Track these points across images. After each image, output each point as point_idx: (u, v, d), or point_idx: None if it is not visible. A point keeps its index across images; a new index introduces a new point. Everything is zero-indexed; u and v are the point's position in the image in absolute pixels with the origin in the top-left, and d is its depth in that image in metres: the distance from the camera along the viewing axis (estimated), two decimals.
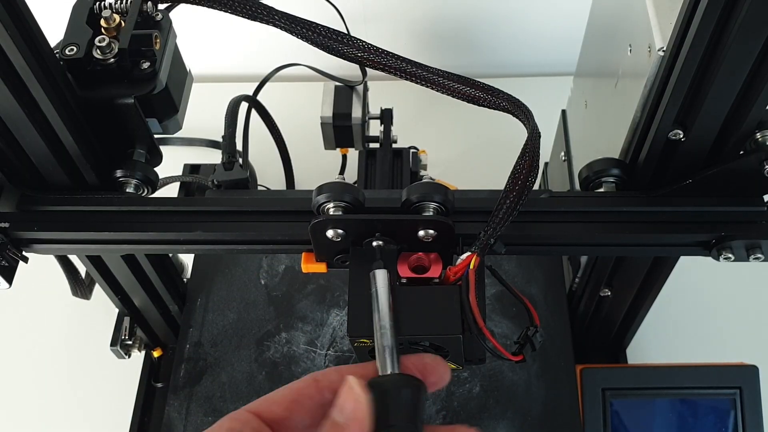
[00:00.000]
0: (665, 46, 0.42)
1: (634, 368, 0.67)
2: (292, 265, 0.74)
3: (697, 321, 0.80)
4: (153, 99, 0.49)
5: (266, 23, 0.45)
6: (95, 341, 0.78)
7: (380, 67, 0.45)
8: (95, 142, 0.49)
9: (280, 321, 0.71)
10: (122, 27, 0.48)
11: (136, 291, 0.65)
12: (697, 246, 0.47)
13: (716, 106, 0.42)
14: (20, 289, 0.51)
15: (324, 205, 0.43)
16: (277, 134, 0.84)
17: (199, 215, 0.48)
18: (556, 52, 0.98)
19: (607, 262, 0.60)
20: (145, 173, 0.51)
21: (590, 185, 0.51)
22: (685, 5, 0.39)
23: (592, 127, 0.64)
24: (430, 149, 0.81)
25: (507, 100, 0.43)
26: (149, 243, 0.49)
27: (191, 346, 0.70)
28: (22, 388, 0.79)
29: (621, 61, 0.51)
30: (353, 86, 0.76)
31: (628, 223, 0.47)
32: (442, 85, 0.44)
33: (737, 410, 0.62)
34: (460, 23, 0.99)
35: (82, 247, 0.50)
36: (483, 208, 0.45)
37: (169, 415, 0.67)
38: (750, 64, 0.39)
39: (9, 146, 0.46)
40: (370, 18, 0.97)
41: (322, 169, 0.82)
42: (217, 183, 0.72)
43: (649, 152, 0.47)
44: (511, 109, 0.43)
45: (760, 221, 0.46)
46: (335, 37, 0.44)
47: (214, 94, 0.78)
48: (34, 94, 0.43)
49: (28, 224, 0.48)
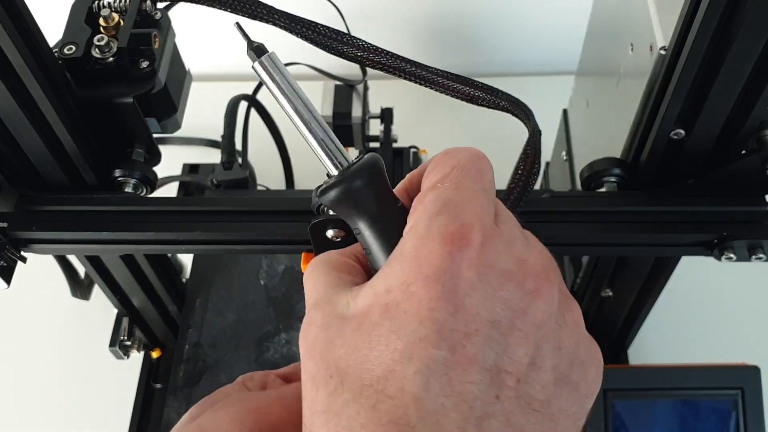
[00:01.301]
0: (667, 45, 0.42)
1: (636, 369, 0.67)
2: (292, 266, 0.74)
3: (698, 321, 0.80)
4: (152, 98, 0.49)
5: (265, 22, 0.45)
6: (94, 342, 0.78)
7: (380, 66, 0.45)
8: (94, 142, 0.49)
9: (279, 321, 0.71)
10: (121, 26, 0.47)
11: (135, 291, 0.65)
12: (698, 246, 0.47)
13: (718, 105, 0.42)
14: (19, 290, 0.51)
15: (324, 205, 0.43)
16: (276, 134, 0.84)
17: (199, 215, 0.48)
18: (557, 51, 0.98)
19: (609, 262, 0.60)
20: (144, 173, 0.51)
21: (591, 185, 0.51)
22: (686, 4, 0.39)
23: (593, 127, 0.64)
24: (430, 149, 0.81)
25: (507, 100, 0.43)
26: (148, 243, 0.49)
27: (190, 346, 0.70)
28: (21, 389, 0.79)
29: (622, 60, 0.51)
30: (353, 85, 0.76)
31: (630, 223, 0.47)
32: (442, 84, 0.44)
33: (739, 411, 0.62)
34: (461, 21, 0.99)
35: (80, 247, 0.50)
36: None
37: (168, 415, 0.67)
38: (752, 63, 0.39)
39: (7, 146, 0.46)
40: (369, 16, 0.97)
41: (322, 169, 0.81)
42: (216, 183, 0.72)
43: (650, 152, 0.46)
44: (511, 108, 0.43)
45: (762, 221, 0.46)
46: (335, 36, 0.44)
47: (213, 93, 0.78)
48: (33, 93, 0.43)
49: (26, 224, 0.48)
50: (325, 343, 0.28)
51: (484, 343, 0.26)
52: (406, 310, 0.26)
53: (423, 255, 0.27)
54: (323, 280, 0.31)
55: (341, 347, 0.27)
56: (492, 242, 0.27)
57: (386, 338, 0.26)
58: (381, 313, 0.27)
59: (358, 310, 0.28)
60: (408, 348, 0.26)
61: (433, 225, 0.27)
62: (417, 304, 0.26)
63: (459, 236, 0.27)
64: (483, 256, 0.27)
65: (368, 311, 0.27)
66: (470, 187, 0.29)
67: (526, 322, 0.27)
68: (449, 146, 0.32)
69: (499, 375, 0.26)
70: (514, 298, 0.27)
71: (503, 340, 0.26)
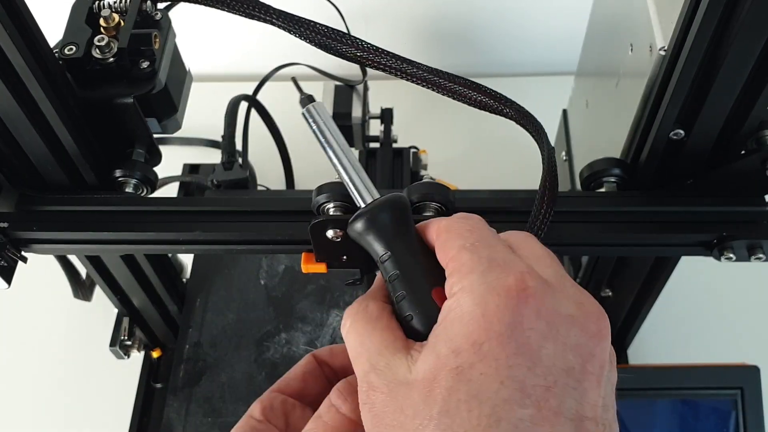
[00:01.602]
0: (666, 45, 0.42)
1: (636, 369, 0.67)
2: (292, 266, 0.74)
3: (698, 321, 0.80)
4: (152, 98, 0.49)
5: (264, 22, 0.45)
6: (94, 341, 0.78)
7: (380, 67, 0.45)
8: (94, 142, 0.49)
9: (279, 321, 0.71)
10: (121, 26, 0.47)
11: (136, 291, 0.65)
12: (698, 246, 0.47)
13: (717, 105, 0.42)
14: (20, 290, 0.51)
15: (324, 205, 0.43)
16: (276, 134, 0.84)
17: (199, 215, 0.48)
18: (557, 52, 0.98)
19: (608, 262, 0.60)
20: (145, 173, 0.51)
21: (591, 185, 0.51)
22: (686, 4, 0.39)
23: (593, 127, 0.64)
24: (430, 149, 0.81)
25: (513, 108, 0.43)
26: (148, 243, 0.49)
27: (190, 346, 0.70)
28: (21, 389, 0.79)
29: (622, 61, 0.51)
30: (353, 85, 0.76)
31: (629, 223, 0.47)
32: (443, 86, 0.44)
33: (738, 411, 0.62)
34: (461, 22, 0.99)
35: (81, 247, 0.50)
36: (483, 207, 0.45)
37: (169, 415, 0.67)
38: (751, 63, 0.39)
39: (8, 146, 0.46)
40: (370, 16, 0.97)
41: (322, 169, 0.81)
42: (216, 183, 0.72)
43: (650, 152, 0.46)
44: (517, 118, 0.43)
45: (761, 221, 0.46)
46: (335, 36, 0.44)
47: (213, 93, 0.78)
48: (33, 93, 0.43)
49: (27, 224, 0.48)
50: (396, 413, 0.27)
51: (564, 394, 0.25)
52: (483, 372, 0.25)
53: (491, 312, 0.26)
54: (371, 339, 0.30)
55: (414, 418, 0.26)
56: (548, 288, 0.27)
57: (467, 404, 0.25)
58: (453, 377, 0.26)
59: (421, 376, 0.27)
60: (494, 411, 0.25)
61: (488, 281, 0.27)
62: (494, 363, 0.25)
63: (520, 288, 0.27)
64: (546, 304, 0.27)
65: (435, 376, 0.26)
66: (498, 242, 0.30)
67: (595, 365, 0.27)
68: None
69: (581, 423, 0.26)
70: (582, 342, 0.27)
71: (579, 386, 0.26)
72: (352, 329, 0.31)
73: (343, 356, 0.39)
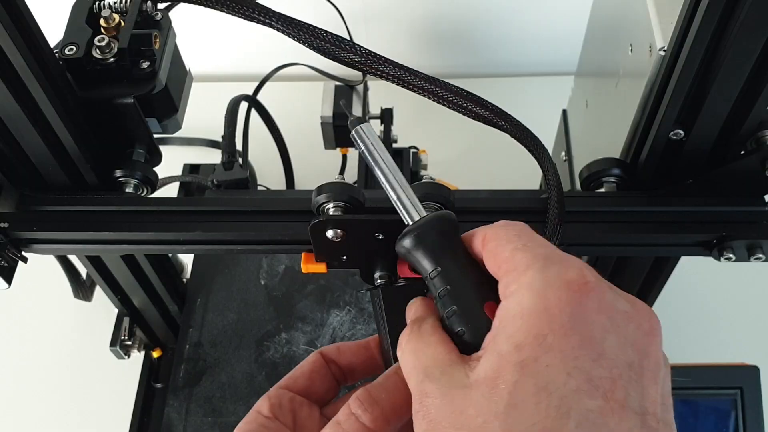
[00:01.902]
0: (666, 45, 0.42)
1: None
2: (292, 266, 0.74)
3: (697, 321, 0.80)
4: (152, 99, 0.49)
5: (264, 25, 0.45)
6: (95, 341, 0.78)
7: (378, 73, 0.45)
8: (95, 142, 0.49)
9: (280, 321, 0.71)
10: (122, 26, 0.47)
11: (136, 291, 0.65)
12: (698, 246, 0.47)
13: (717, 105, 0.42)
14: (20, 290, 0.51)
15: (324, 205, 0.43)
16: (276, 134, 0.84)
17: (199, 215, 0.48)
18: (556, 52, 0.98)
19: (608, 263, 0.60)
20: (145, 173, 0.51)
21: (591, 185, 0.51)
22: (686, 5, 0.39)
23: (592, 127, 0.64)
24: (430, 149, 0.81)
25: (510, 123, 0.43)
26: (149, 243, 0.49)
27: (191, 346, 0.70)
28: (21, 389, 0.79)
29: (622, 61, 0.51)
30: (353, 86, 0.76)
31: (629, 223, 0.47)
32: (440, 96, 0.44)
33: (738, 411, 0.62)
34: (461, 23, 0.99)
35: (81, 247, 0.50)
36: (483, 207, 0.45)
37: (169, 415, 0.67)
38: (751, 63, 0.39)
39: (8, 146, 0.46)
40: (370, 17, 0.97)
41: (322, 169, 0.82)
42: (216, 183, 0.72)
43: (650, 152, 0.46)
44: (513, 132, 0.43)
45: (761, 221, 0.46)
46: (334, 41, 0.44)
47: (213, 93, 0.78)
48: (34, 93, 0.43)
49: (27, 224, 0.48)
50: (454, 415, 0.27)
51: (628, 386, 0.25)
52: (549, 364, 0.25)
53: (552, 305, 0.26)
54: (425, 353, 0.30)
55: (477, 416, 0.26)
56: (604, 284, 0.27)
57: (535, 396, 0.25)
58: (518, 371, 0.25)
59: (482, 376, 0.27)
60: (564, 402, 0.24)
61: (547, 276, 0.27)
62: (560, 355, 0.25)
63: (581, 282, 0.27)
64: (606, 299, 0.27)
65: (498, 374, 0.26)
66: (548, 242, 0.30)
67: (651, 362, 0.27)
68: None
69: (644, 417, 0.26)
70: (638, 339, 0.27)
71: (640, 381, 0.26)
72: (407, 348, 0.32)
73: (350, 354, 0.39)
